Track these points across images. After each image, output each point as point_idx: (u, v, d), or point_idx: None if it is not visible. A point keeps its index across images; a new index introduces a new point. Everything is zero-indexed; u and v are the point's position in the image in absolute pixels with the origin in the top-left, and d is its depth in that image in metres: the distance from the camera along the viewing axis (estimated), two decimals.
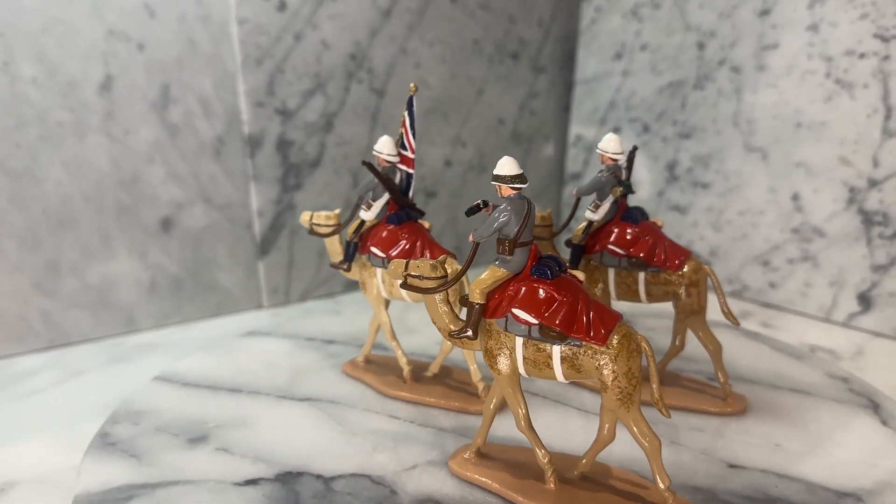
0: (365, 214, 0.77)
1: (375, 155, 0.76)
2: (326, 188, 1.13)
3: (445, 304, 0.59)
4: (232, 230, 1.07)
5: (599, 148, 0.73)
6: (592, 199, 0.75)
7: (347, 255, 0.79)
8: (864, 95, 0.96)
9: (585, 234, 0.75)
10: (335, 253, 0.82)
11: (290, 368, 0.86)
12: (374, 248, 0.76)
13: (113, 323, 1.01)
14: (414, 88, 0.74)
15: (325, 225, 0.80)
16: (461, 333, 0.58)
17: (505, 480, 0.60)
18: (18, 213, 0.91)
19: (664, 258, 0.72)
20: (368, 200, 0.77)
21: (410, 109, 0.74)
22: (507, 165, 0.54)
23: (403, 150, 0.76)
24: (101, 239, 0.97)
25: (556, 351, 0.54)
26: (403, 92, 1.16)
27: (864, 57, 0.95)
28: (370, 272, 0.77)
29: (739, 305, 1.12)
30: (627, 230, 0.73)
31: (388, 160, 0.76)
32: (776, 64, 1.04)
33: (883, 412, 0.73)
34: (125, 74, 0.94)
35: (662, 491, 0.54)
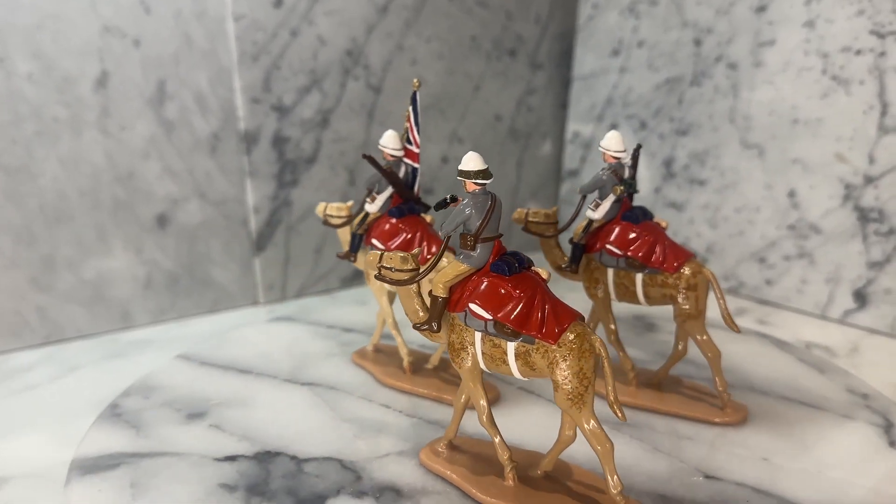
0: (369, 207, 0.79)
1: (380, 149, 0.77)
2: (323, 185, 1.12)
3: (417, 296, 0.59)
4: (228, 226, 1.07)
5: (602, 146, 0.72)
6: (595, 197, 0.74)
7: (353, 246, 0.80)
8: (860, 92, 0.96)
9: (585, 232, 0.74)
10: (345, 243, 0.84)
11: (302, 354, 0.89)
12: (374, 239, 0.77)
13: (108, 319, 1.01)
14: (417, 84, 0.74)
15: (336, 216, 0.82)
16: (424, 326, 0.58)
17: (466, 473, 0.60)
18: (14, 208, 0.91)
19: (662, 259, 0.70)
20: (373, 193, 0.78)
21: (414, 105, 0.75)
22: (471, 161, 0.55)
23: (409, 144, 0.76)
24: (96, 235, 0.97)
25: (510, 347, 0.54)
26: (400, 88, 1.16)
27: (860, 53, 0.95)
28: None
29: (735, 302, 1.12)
30: (627, 230, 0.72)
31: (392, 154, 0.77)
32: (773, 60, 1.04)
33: (894, 433, 0.70)
34: (121, 70, 0.94)
35: (614, 495, 0.53)
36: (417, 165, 0.77)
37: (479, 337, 0.56)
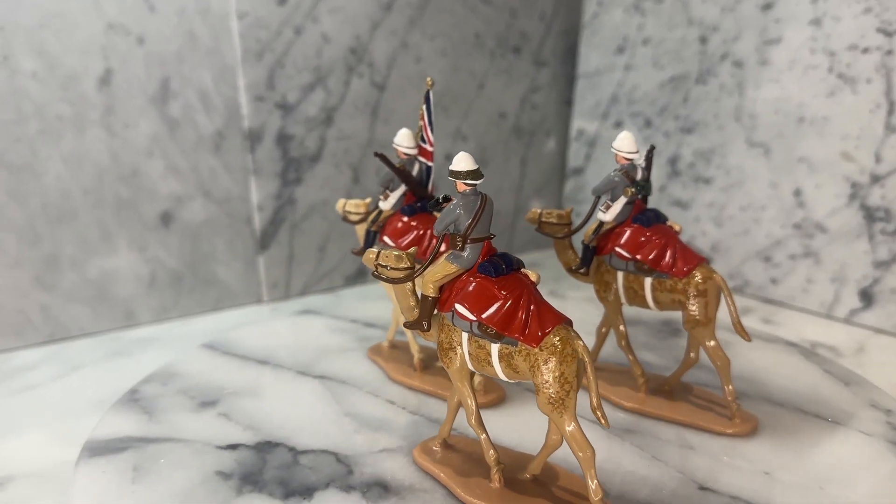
0: (382, 204, 0.79)
1: (395, 148, 0.77)
2: (327, 183, 1.12)
3: (412, 295, 0.59)
4: (231, 224, 1.07)
5: (614, 147, 0.71)
6: (606, 198, 0.73)
7: (367, 242, 0.81)
8: (867, 90, 0.95)
9: (596, 234, 0.73)
10: (362, 240, 0.84)
11: (320, 347, 0.90)
12: (386, 237, 0.78)
13: (112, 317, 1.01)
14: (430, 83, 0.74)
15: (354, 213, 0.82)
16: (414, 325, 0.59)
17: (454, 473, 0.60)
18: (18, 207, 0.91)
19: (671, 264, 0.68)
20: (387, 191, 0.79)
21: (428, 103, 0.75)
22: (462, 161, 0.54)
23: (423, 143, 0.76)
24: (100, 233, 0.97)
25: (494, 349, 0.54)
26: (404, 86, 1.15)
27: (867, 52, 0.94)
28: None
29: (741, 301, 1.11)
30: (637, 233, 0.70)
31: (406, 153, 0.77)
32: (779, 58, 1.03)
33: None
34: (125, 68, 0.93)
35: (595, 502, 0.52)
36: (431, 164, 0.77)
37: (465, 337, 0.56)
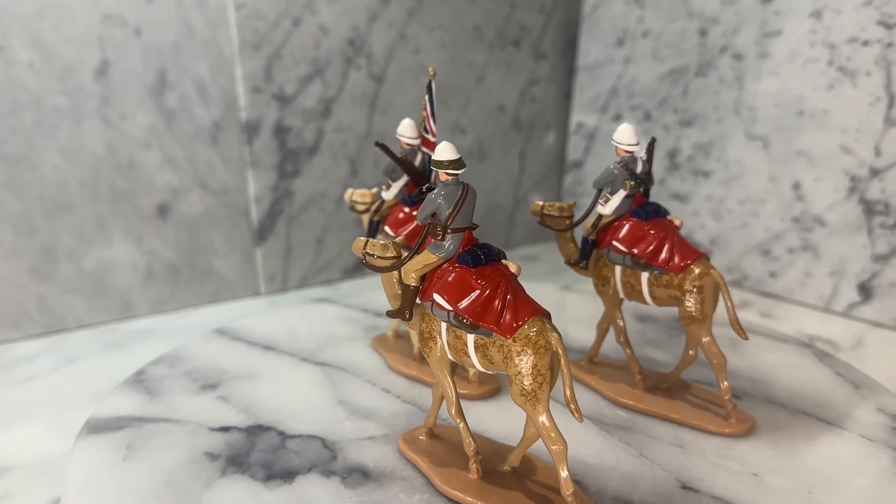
0: (384, 194, 0.79)
1: (398, 138, 0.77)
2: (324, 175, 1.12)
3: (397, 283, 0.59)
4: (229, 216, 1.06)
5: (614, 139, 0.70)
6: (606, 191, 0.72)
7: (369, 232, 0.81)
8: (866, 83, 0.95)
9: (594, 228, 0.72)
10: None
11: (327, 335, 0.90)
12: (387, 227, 0.78)
13: (109, 309, 1.00)
14: (433, 73, 0.74)
15: (360, 202, 0.82)
16: (396, 313, 0.59)
17: (433, 462, 0.60)
18: (14, 198, 0.90)
19: (668, 259, 0.67)
20: (389, 181, 0.79)
21: (430, 94, 0.74)
22: (444, 151, 0.54)
23: (426, 133, 0.76)
24: (96, 224, 0.97)
25: (470, 339, 0.54)
26: (402, 78, 1.15)
27: (867, 44, 0.94)
28: None
29: (739, 295, 1.11)
30: (634, 227, 0.69)
31: (408, 143, 0.77)
32: (778, 51, 1.03)
33: None
34: (121, 59, 0.93)
35: (566, 496, 0.51)
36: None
37: (444, 327, 0.56)
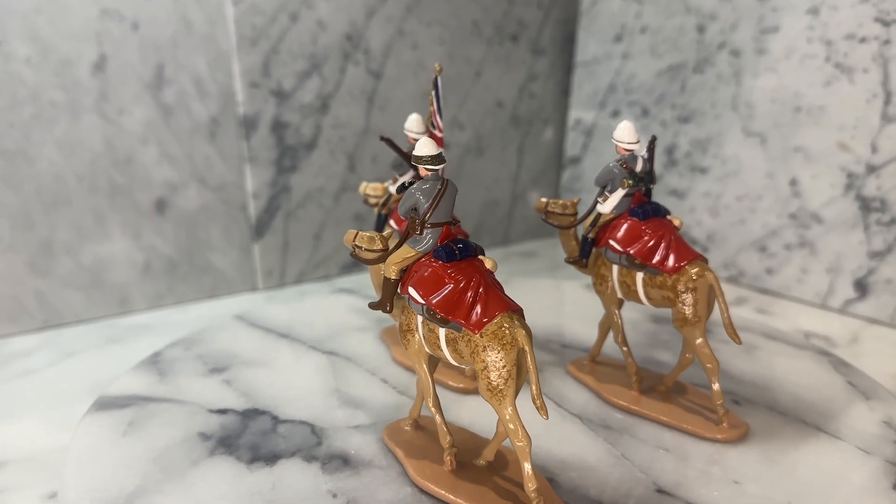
0: (392, 188, 0.80)
1: (405, 133, 0.78)
2: (322, 170, 1.12)
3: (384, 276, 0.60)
4: (226, 212, 1.06)
5: (614, 137, 0.69)
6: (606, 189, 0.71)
7: (377, 225, 0.81)
8: (863, 80, 0.95)
9: (593, 226, 0.71)
10: None
11: (341, 325, 0.92)
12: (392, 221, 0.79)
13: (107, 304, 1.01)
14: (439, 68, 0.74)
15: (373, 196, 0.83)
16: (377, 305, 0.59)
17: (411, 453, 0.61)
18: (11, 192, 0.90)
19: (662, 259, 0.66)
20: (396, 175, 0.79)
21: (436, 89, 0.75)
22: (424, 146, 0.54)
23: (433, 128, 0.77)
24: (94, 219, 0.97)
25: (441, 333, 0.54)
26: (400, 74, 1.15)
27: (864, 41, 0.94)
28: None
29: (736, 291, 1.11)
30: (631, 226, 0.68)
31: (415, 137, 0.77)
32: (776, 47, 1.03)
33: None
34: (119, 54, 0.93)
35: (528, 492, 0.52)
36: (441, 149, 0.77)
37: (420, 320, 0.56)
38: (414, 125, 0.77)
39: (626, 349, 0.73)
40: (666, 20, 1.17)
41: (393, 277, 0.57)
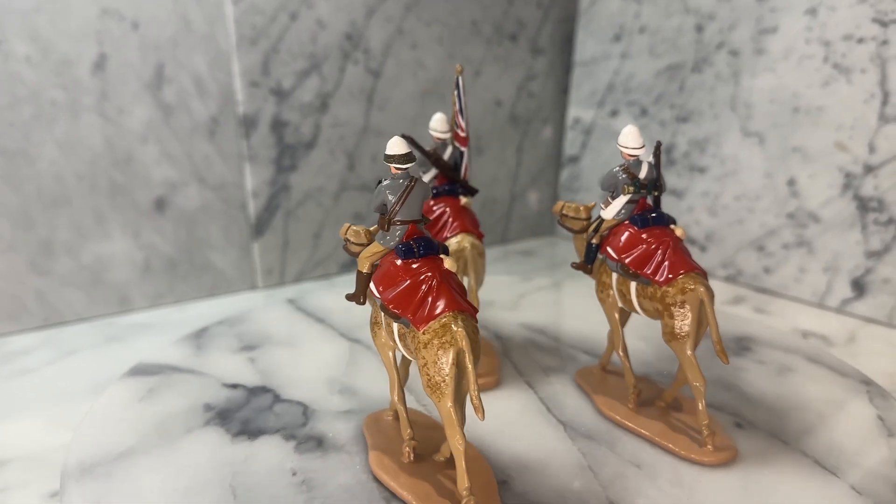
0: None
1: (430, 132, 0.79)
2: (321, 169, 1.12)
3: None
4: (226, 211, 1.07)
5: (618, 143, 0.66)
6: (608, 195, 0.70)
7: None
8: (861, 80, 0.95)
9: (595, 231, 0.70)
10: None
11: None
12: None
13: (107, 302, 1.01)
14: (460, 69, 0.75)
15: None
16: (352, 297, 0.60)
17: (377, 441, 0.62)
18: (12, 192, 0.91)
19: (654, 270, 0.63)
20: (420, 173, 0.80)
21: (458, 89, 0.75)
22: (394, 146, 0.55)
23: (456, 128, 0.77)
24: (94, 219, 0.97)
25: (395, 328, 0.56)
26: (400, 73, 1.15)
27: (862, 42, 0.94)
28: None
29: (734, 290, 1.12)
30: (630, 235, 0.66)
31: (438, 136, 0.78)
32: (774, 48, 1.03)
33: None
34: (119, 53, 0.93)
35: (460, 490, 0.52)
36: (464, 149, 0.78)
37: (383, 315, 0.57)
38: (439, 124, 0.78)
39: (626, 360, 0.71)
40: (665, 20, 1.17)
41: (364, 271, 0.59)
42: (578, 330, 0.91)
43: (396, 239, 0.56)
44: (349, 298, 0.61)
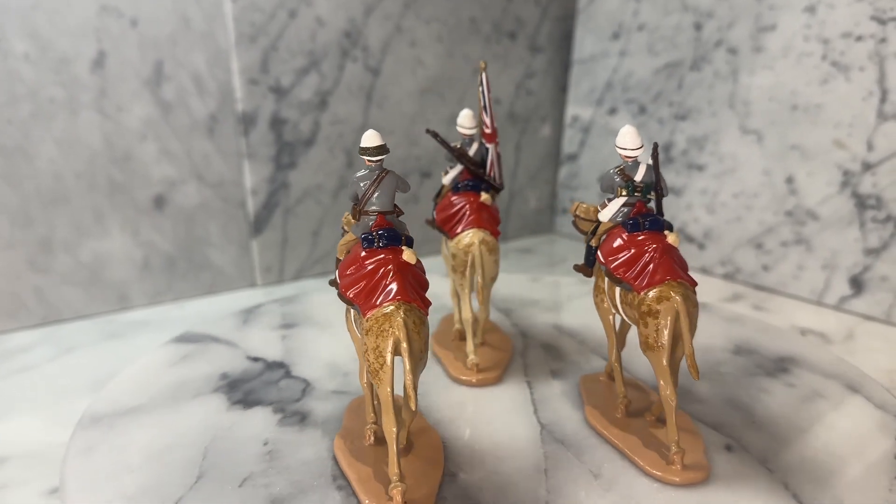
0: (444, 180, 0.81)
1: (457, 129, 0.79)
2: (321, 167, 1.12)
3: None
4: (225, 208, 1.07)
5: (616, 144, 0.65)
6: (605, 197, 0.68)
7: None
8: (859, 78, 0.95)
9: (592, 233, 0.68)
10: None
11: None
12: (435, 211, 0.81)
13: (106, 300, 1.01)
14: (484, 65, 0.75)
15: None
16: (333, 282, 0.61)
17: (350, 423, 0.64)
18: (11, 190, 0.91)
19: (635, 276, 0.60)
20: (447, 167, 0.81)
21: (482, 86, 0.75)
22: (366, 138, 0.57)
23: (482, 124, 0.78)
24: (93, 216, 0.97)
25: (351, 313, 0.59)
26: (399, 70, 1.15)
27: (860, 39, 0.94)
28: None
29: (732, 288, 1.12)
30: (618, 238, 0.64)
31: (464, 133, 0.79)
32: (773, 45, 1.03)
33: None
34: (118, 51, 0.93)
35: (391, 474, 0.53)
36: (489, 145, 0.78)
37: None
38: (465, 120, 0.78)
39: (617, 368, 0.69)
40: (663, 18, 1.17)
41: (340, 258, 0.60)
42: (574, 326, 0.91)
43: (364, 229, 0.58)
44: (332, 283, 0.62)
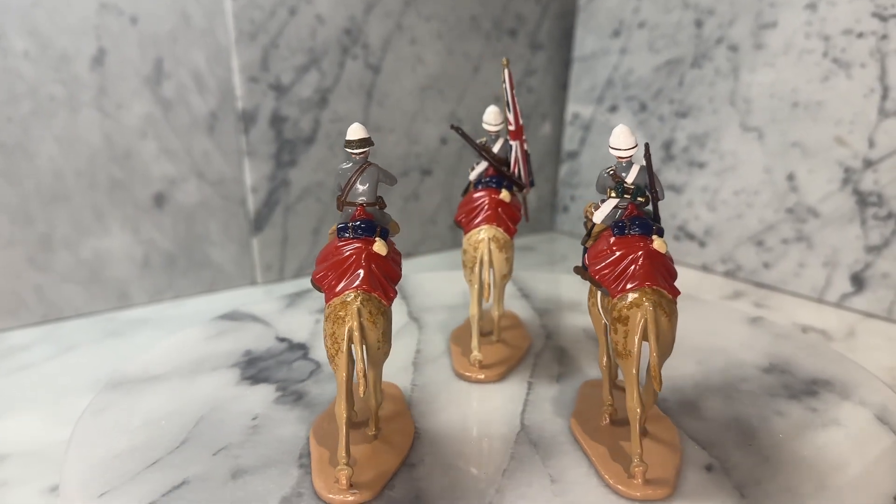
0: (471, 175, 0.81)
1: (483, 125, 0.79)
2: (321, 165, 1.12)
3: None
4: (225, 206, 1.07)
5: (609, 144, 0.62)
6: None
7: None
8: (861, 75, 0.95)
9: (587, 235, 0.65)
10: None
11: (446, 303, 0.95)
12: (459, 206, 0.80)
13: (106, 298, 1.01)
14: (506, 62, 0.74)
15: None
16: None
17: (327, 415, 0.64)
18: (11, 188, 0.90)
19: (612, 280, 0.58)
20: (474, 164, 0.80)
21: (506, 83, 0.75)
22: (351, 132, 0.57)
23: (508, 121, 0.78)
24: (93, 214, 0.97)
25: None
26: (399, 68, 1.15)
27: (862, 36, 0.94)
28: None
29: (733, 285, 1.12)
30: (605, 241, 0.61)
31: (490, 129, 0.79)
32: (774, 43, 1.03)
33: None
34: (118, 48, 0.93)
35: (339, 458, 0.53)
36: (513, 143, 0.78)
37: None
38: (490, 117, 0.78)
39: (605, 375, 0.66)
40: (664, 15, 1.17)
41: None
42: (573, 324, 0.90)
43: (345, 219, 0.58)
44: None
